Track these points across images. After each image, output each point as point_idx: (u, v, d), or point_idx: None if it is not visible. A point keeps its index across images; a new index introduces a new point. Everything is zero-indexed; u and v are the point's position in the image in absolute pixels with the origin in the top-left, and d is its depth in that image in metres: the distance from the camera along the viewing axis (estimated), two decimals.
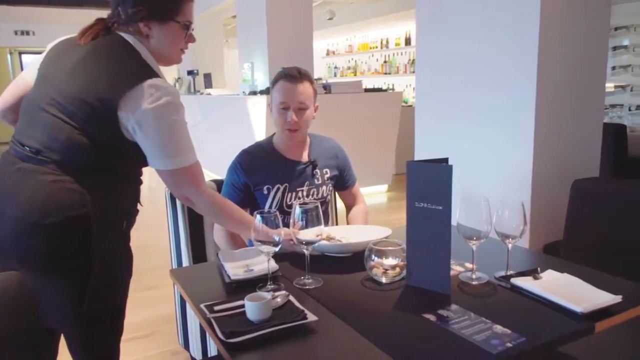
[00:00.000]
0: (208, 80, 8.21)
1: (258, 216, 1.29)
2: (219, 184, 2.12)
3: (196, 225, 2.12)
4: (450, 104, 2.69)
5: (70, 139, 1.30)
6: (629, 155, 3.91)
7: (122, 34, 1.40)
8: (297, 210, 1.32)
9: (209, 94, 6.94)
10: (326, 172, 2.02)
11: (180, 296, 2.22)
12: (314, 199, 1.95)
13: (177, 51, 1.50)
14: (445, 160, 1.31)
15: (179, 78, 9.36)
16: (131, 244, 1.55)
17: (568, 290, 1.20)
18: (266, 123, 4.92)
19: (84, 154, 1.31)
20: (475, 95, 2.52)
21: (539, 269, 1.35)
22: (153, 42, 1.42)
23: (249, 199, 1.95)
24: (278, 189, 1.93)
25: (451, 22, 2.62)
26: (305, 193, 1.96)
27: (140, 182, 1.53)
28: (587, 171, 2.41)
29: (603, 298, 1.15)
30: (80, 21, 1.51)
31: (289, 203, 1.92)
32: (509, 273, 1.34)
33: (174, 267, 2.23)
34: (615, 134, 3.74)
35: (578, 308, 1.12)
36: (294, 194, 1.95)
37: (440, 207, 1.23)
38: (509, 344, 1.01)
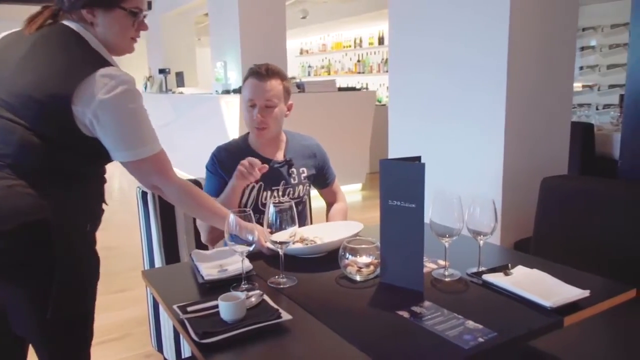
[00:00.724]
0: (180, 79, 8.11)
1: (232, 215, 1.28)
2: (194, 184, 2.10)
3: (169, 226, 2.09)
4: (423, 103, 2.71)
5: (23, 140, 1.22)
6: (596, 153, 4.01)
7: (68, 23, 1.31)
8: (271, 210, 1.32)
9: (182, 92, 6.86)
10: (303, 172, 2.01)
11: (153, 298, 2.19)
12: (290, 198, 1.95)
13: (126, 40, 1.39)
14: (418, 158, 1.32)
15: (150, 76, 9.23)
16: (99, 245, 1.49)
17: (537, 286, 1.23)
18: (240, 122, 4.89)
19: (39, 155, 1.24)
20: (447, 94, 2.55)
21: (509, 265, 1.37)
22: (99, 30, 1.32)
23: None
24: (253, 187, 1.91)
25: (423, 21, 2.65)
26: (280, 192, 1.95)
27: (104, 181, 1.46)
28: (556, 169, 2.46)
29: (572, 293, 1.18)
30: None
31: (264, 202, 1.91)
32: (480, 269, 1.36)
33: (146, 268, 2.20)
34: (583, 133, 3.83)
35: (547, 303, 1.14)
36: (269, 192, 1.94)
37: (413, 205, 1.24)
38: (480, 339, 1.02)
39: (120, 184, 7.43)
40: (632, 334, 1.59)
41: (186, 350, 2.03)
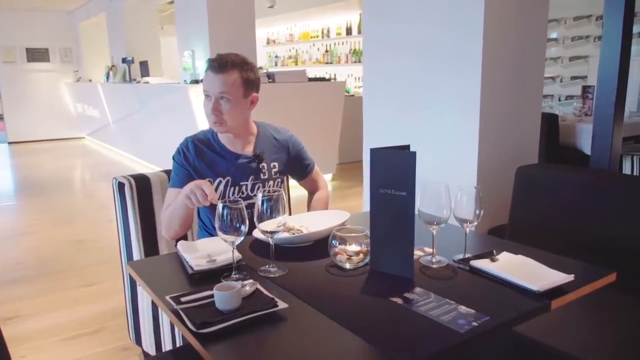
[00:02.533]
0: (145, 69, 7.93)
1: (221, 204, 1.27)
2: (138, 177, 2.06)
3: (147, 218, 2.06)
4: (397, 91, 2.73)
5: None
6: (560, 143, 4.13)
7: None
8: (260, 199, 1.31)
9: (147, 82, 6.71)
10: (274, 166, 1.96)
11: (131, 290, 2.15)
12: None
13: None
14: (407, 147, 1.34)
15: (112, 66, 8.99)
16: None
17: (524, 271, 1.26)
18: None
19: None
20: (421, 83, 2.58)
21: (494, 251, 1.41)
22: None
23: None
24: (220, 182, 1.87)
25: (398, 8, 2.65)
26: (249, 187, 1.90)
27: None
28: (527, 159, 2.52)
29: (557, 277, 1.22)
30: None
31: (232, 198, 1.84)
32: (467, 256, 1.39)
33: (124, 261, 2.15)
34: (548, 123, 3.94)
35: (535, 287, 1.18)
36: (237, 188, 1.89)
37: (404, 193, 1.25)
38: (474, 323, 1.05)
39: (81, 176, 7.25)
40: (608, 317, 1.66)
41: (166, 342, 2.00)
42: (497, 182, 2.39)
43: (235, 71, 1.79)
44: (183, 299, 1.13)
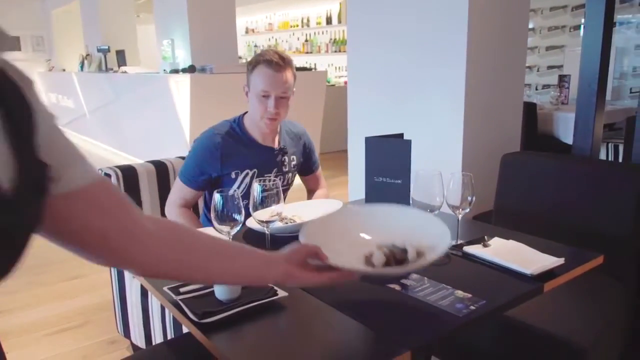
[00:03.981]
0: (121, 58, 7.79)
1: (217, 195, 1.27)
2: (125, 169, 2.04)
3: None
4: (382, 81, 2.74)
5: None
6: (538, 131, 4.21)
7: None
8: (256, 189, 1.31)
9: (125, 72, 6.59)
10: (293, 159, 2.00)
11: (119, 282, 2.13)
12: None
13: None
14: (401, 135, 1.35)
15: (87, 55, 8.80)
16: None
17: (516, 255, 1.29)
18: (190, 102, 4.77)
19: None
20: (406, 73, 2.59)
21: (485, 237, 1.43)
22: None
23: (210, 184, 1.88)
24: (247, 174, 1.88)
25: None
26: (272, 180, 1.92)
27: None
28: (510, 147, 2.56)
29: (548, 261, 1.25)
30: None
31: (225, 193, 1.85)
32: (459, 242, 1.42)
33: None
34: (527, 112, 4.00)
35: (528, 271, 1.21)
36: (261, 180, 1.88)
37: (399, 181, 1.27)
38: (472, 307, 1.07)
39: None
40: (592, 299, 1.71)
41: (157, 334, 1.99)
42: (482, 170, 2.43)
43: (290, 69, 1.81)
44: (182, 290, 1.13)
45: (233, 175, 1.86)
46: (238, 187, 1.87)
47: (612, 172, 1.92)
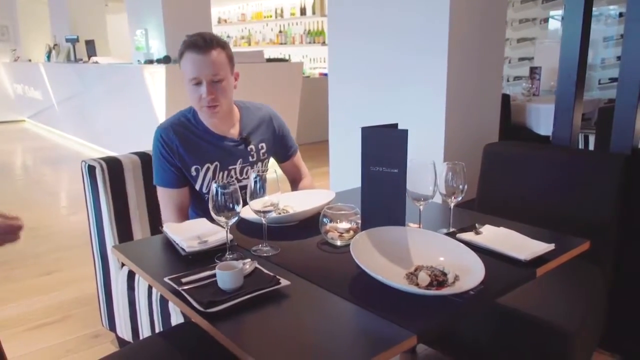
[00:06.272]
0: (91, 48, 7.60)
1: (214, 185, 1.26)
2: (110, 160, 2.00)
3: (120, 201, 2.01)
4: (363, 72, 2.75)
5: None
6: (511, 122, 4.30)
7: None
8: (253, 178, 1.31)
9: (97, 62, 6.44)
10: (262, 147, 1.90)
11: (104, 275, 2.10)
12: (248, 177, 1.83)
13: None
14: (395, 125, 1.37)
15: (55, 45, 8.55)
16: None
17: (508, 242, 1.33)
18: (166, 93, 4.71)
19: None
20: (388, 64, 2.61)
21: (477, 224, 1.47)
22: None
23: (185, 178, 1.80)
24: (208, 168, 1.79)
25: None
26: (238, 171, 1.85)
27: None
28: (490, 137, 2.62)
29: (540, 247, 1.29)
30: None
31: (223, 183, 1.82)
32: (451, 230, 1.45)
33: (94, 248, 2.10)
34: (502, 103, 4.08)
35: (521, 256, 1.25)
36: (225, 172, 1.82)
37: (396, 170, 1.29)
38: (472, 292, 1.10)
39: (23, 161, 6.91)
40: (579, 283, 1.77)
41: (144, 327, 1.98)
42: (463, 160, 2.46)
43: (219, 48, 1.68)
44: (184, 280, 1.13)
45: (194, 172, 1.78)
46: (201, 185, 1.79)
47: (591, 161, 1.98)
